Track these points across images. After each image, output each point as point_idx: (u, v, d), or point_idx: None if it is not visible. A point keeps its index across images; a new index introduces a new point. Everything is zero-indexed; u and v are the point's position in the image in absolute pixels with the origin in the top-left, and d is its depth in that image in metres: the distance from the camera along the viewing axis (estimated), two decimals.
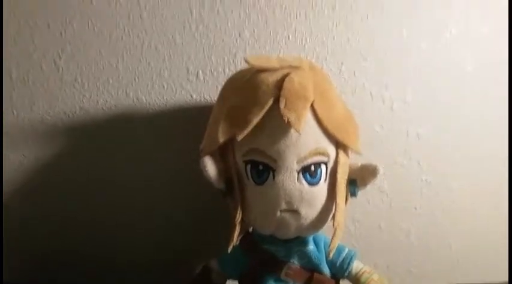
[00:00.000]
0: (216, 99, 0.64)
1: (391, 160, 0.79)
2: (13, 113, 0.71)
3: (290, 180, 0.55)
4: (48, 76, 0.71)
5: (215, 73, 0.73)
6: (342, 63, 0.75)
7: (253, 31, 0.72)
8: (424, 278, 0.82)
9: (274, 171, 0.56)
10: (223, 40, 0.72)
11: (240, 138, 0.54)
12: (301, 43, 0.74)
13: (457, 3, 0.75)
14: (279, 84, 0.55)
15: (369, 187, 0.74)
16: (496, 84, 0.79)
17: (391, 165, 0.79)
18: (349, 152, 0.60)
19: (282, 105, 0.53)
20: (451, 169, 0.80)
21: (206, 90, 0.73)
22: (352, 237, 0.79)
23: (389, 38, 0.75)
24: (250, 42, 0.73)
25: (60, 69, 0.71)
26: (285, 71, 0.56)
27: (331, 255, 0.57)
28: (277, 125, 0.55)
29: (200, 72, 0.73)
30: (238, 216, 0.57)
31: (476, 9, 0.76)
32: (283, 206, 0.56)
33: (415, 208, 0.81)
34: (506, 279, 0.79)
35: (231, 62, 0.73)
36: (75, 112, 0.72)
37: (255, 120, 0.54)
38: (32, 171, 0.73)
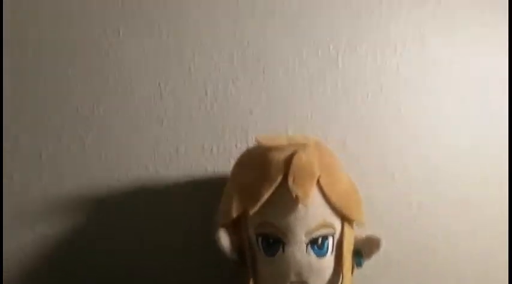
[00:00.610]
0: (229, 171, 0.69)
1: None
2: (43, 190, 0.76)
3: (299, 252, 0.59)
4: (73, 151, 0.77)
5: (228, 148, 0.79)
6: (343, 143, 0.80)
7: (265, 108, 0.79)
8: None
9: (284, 244, 0.60)
10: (235, 118, 0.79)
11: (252, 211, 0.59)
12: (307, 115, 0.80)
13: None
14: (288, 161, 0.60)
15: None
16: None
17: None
18: (354, 224, 0.64)
19: (290, 181, 0.59)
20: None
21: (220, 163, 0.78)
22: None
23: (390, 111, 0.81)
24: (260, 119, 0.79)
25: (87, 147, 0.77)
26: (292, 149, 0.61)
27: None
28: (286, 200, 0.59)
29: (214, 147, 0.78)
30: None
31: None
32: (293, 277, 0.59)
33: None
34: None
35: (243, 138, 0.79)
36: (95, 184, 0.77)
37: (266, 195, 0.59)
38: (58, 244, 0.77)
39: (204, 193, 0.77)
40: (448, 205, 0.82)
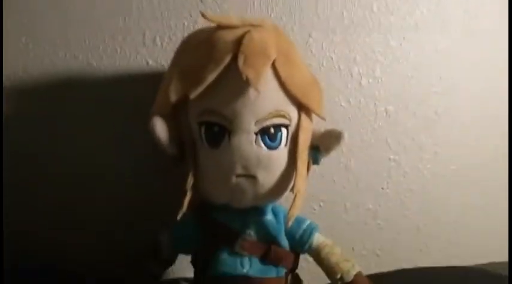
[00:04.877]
0: None
1: (358, 138, 0.75)
2: None
3: (247, 142, 0.51)
4: None
5: (174, 38, 0.68)
6: (309, 35, 0.71)
7: None
8: (390, 261, 0.79)
9: (230, 132, 0.51)
10: (183, 4, 0.68)
11: (193, 96, 0.50)
12: (267, 11, 0.70)
13: None
14: (238, 41, 0.50)
15: (334, 165, 0.74)
16: (467, 63, 0.77)
17: (358, 143, 0.75)
18: (313, 117, 0.56)
19: (240, 61, 0.49)
20: (420, 149, 0.78)
21: (163, 56, 0.68)
22: (316, 217, 0.73)
23: (359, 11, 0.72)
24: (212, 7, 0.68)
25: (4, 27, 0.65)
26: (245, 29, 0.52)
27: (289, 224, 0.53)
28: (234, 83, 0.50)
29: (157, 37, 0.68)
30: (190, 181, 0.52)
31: None
32: (239, 170, 0.51)
33: (382, 188, 0.77)
34: (473, 263, 0.77)
35: (191, 27, 0.68)
36: (17, 75, 0.66)
37: (210, 77, 0.50)
38: None
39: (143, 88, 0.67)
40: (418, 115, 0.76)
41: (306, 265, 0.62)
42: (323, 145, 0.56)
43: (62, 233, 0.71)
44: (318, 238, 0.58)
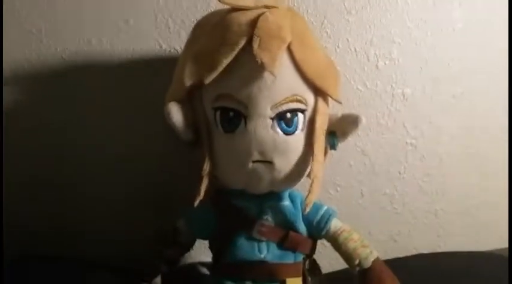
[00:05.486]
0: None
1: (375, 122, 0.74)
2: None
3: (263, 128, 0.50)
4: (5, 21, 0.64)
5: (187, 22, 0.67)
6: (324, 17, 0.70)
7: None
8: (407, 246, 0.78)
9: (246, 118, 0.51)
10: None
11: (207, 80, 0.49)
12: None
13: None
14: (253, 23, 0.49)
15: (351, 149, 0.73)
16: (487, 42, 0.74)
17: (375, 127, 0.74)
18: (329, 101, 0.55)
19: (255, 45, 0.48)
20: (437, 133, 0.76)
21: (176, 40, 0.67)
22: (332, 202, 0.73)
23: None
24: None
25: (16, 12, 0.64)
26: (260, 11, 0.51)
27: (307, 210, 0.52)
28: (249, 67, 0.49)
29: (170, 20, 0.67)
30: (206, 167, 0.52)
31: None
32: (256, 156, 0.51)
33: (399, 173, 0.76)
34: (492, 248, 0.76)
35: (204, 9, 0.67)
36: (30, 60, 0.65)
37: (225, 62, 0.49)
38: None
39: (155, 72, 0.67)
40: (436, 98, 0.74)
41: (323, 250, 0.61)
42: (340, 130, 0.55)
43: (73, 222, 0.72)
44: (335, 224, 0.57)
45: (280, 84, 0.50)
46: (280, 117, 0.51)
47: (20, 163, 0.69)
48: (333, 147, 0.56)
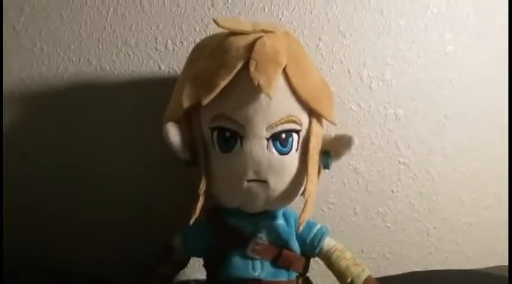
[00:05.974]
0: None
1: (368, 141, 0.75)
2: None
3: (258, 148, 0.52)
4: (5, 41, 0.66)
5: (185, 43, 0.69)
6: (319, 39, 0.72)
7: (227, 0, 0.69)
8: (400, 264, 0.79)
9: (242, 138, 0.52)
10: (194, 9, 0.68)
11: (205, 102, 0.51)
12: (278, 16, 0.71)
13: None
14: (250, 47, 0.51)
15: (344, 168, 0.74)
16: (477, 65, 0.76)
17: (368, 146, 0.75)
18: (323, 122, 0.57)
19: (252, 68, 0.50)
20: (429, 152, 0.78)
21: (175, 61, 0.69)
22: (325, 219, 0.75)
23: (369, 14, 0.72)
24: (223, 12, 0.69)
25: (18, 32, 0.66)
26: (257, 35, 0.53)
27: (300, 228, 0.53)
28: (246, 89, 0.51)
29: (169, 41, 0.69)
30: (202, 186, 0.53)
31: None
32: (251, 175, 0.52)
33: (392, 191, 0.78)
34: (484, 266, 0.77)
35: (203, 32, 0.69)
36: (32, 80, 0.67)
37: (223, 84, 0.50)
38: None
39: (155, 93, 0.68)
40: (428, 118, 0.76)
41: (316, 267, 0.62)
42: (333, 150, 0.56)
43: (69, 237, 0.72)
44: (328, 242, 0.58)
45: (276, 106, 0.52)
46: (275, 138, 0.53)
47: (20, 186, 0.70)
48: (326, 166, 0.57)
